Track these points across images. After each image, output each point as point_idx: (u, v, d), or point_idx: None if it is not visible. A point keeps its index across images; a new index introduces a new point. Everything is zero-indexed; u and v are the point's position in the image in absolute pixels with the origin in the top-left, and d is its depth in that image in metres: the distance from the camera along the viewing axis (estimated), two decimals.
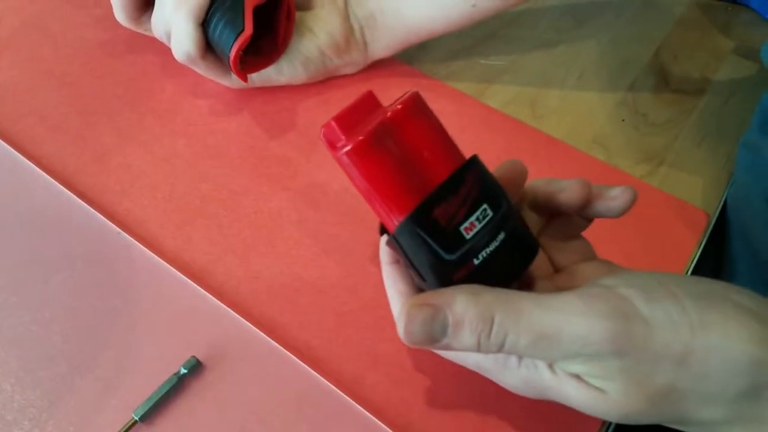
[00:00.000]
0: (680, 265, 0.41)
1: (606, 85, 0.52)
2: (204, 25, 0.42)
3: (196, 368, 0.34)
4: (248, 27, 0.40)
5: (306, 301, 0.37)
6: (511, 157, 0.32)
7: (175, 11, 0.41)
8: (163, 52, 0.48)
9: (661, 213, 0.43)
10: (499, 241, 0.27)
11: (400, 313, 0.26)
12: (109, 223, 0.40)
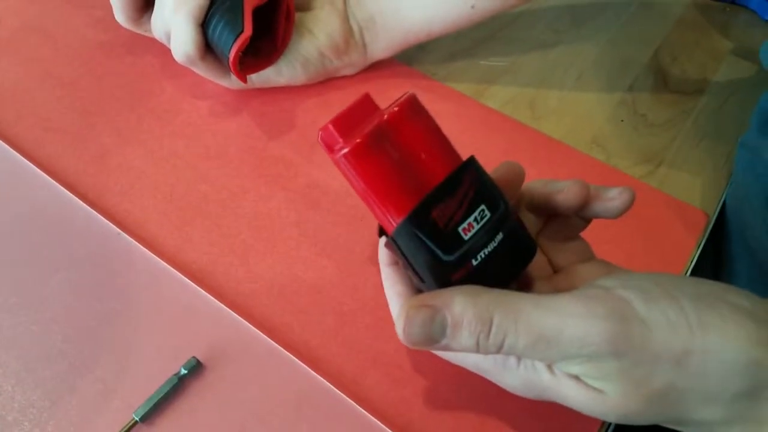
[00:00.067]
0: (679, 265, 0.41)
1: (605, 86, 0.52)
2: (203, 26, 0.42)
3: (196, 369, 0.34)
4: (247, 28, 0.40)
5: (306, 302, 0.37)
6: (511, 158, 0.32)
7: (175, 12, 0.41)
8: (163, 53, 0.48)
9: (660, 213, 0.43)
10: (497, 242, 0.27)
11: (399, 314, 0.26)
12: (109, 224, 0.40)
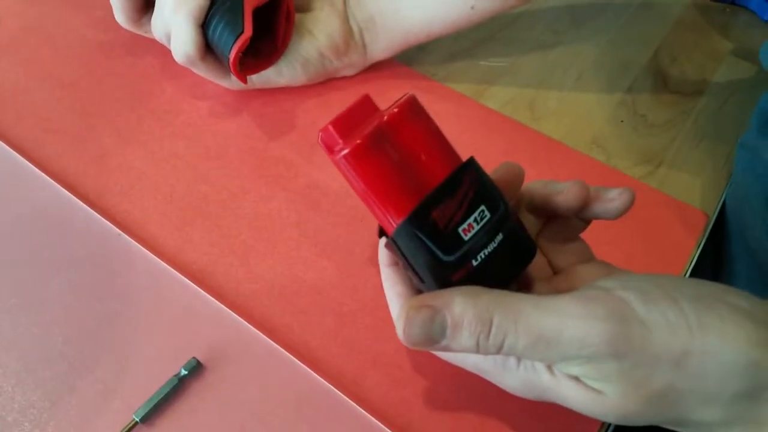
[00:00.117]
0: (679, 265, 0.41)
1: (605, 87, 0.52)
2: (204, 27, 0.42)
3: (196, 369, 0.34)
4: (248, 28, 0.40)
5: (306, 302, 0.37)
6: (510, 158, 0.32)
7: (175, 13, 0.41)
8: (163, 54, 0.48)
9: (660, 214, 0.43)
10: (497, 243, 0.27)
11: (399, 315, 0.26)
12: (109, 225, 0.40)
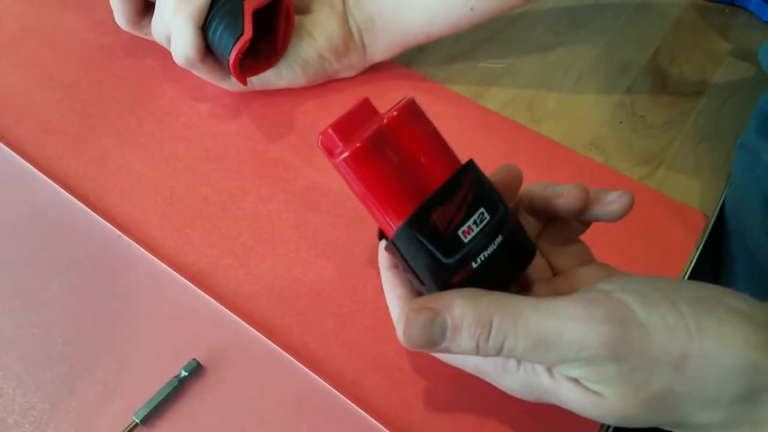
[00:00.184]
0: (678, 266, 0.41)
1: (604, 88, 0.52)
2: (203, 29, 0.42)
3: (196, 371, 0.34)
4: (247, 30, 0.40)
5: (305, 304, 0.37)
6: (510, 160, 0.32)
7: (175, 15, 0.41)
8: (163, 56, 0.48)
9: (659, 215, 0.43)
10: (496, 245, 0.27)
11: (400, 317, 0.26)
12: (109, 226, 0.40)
